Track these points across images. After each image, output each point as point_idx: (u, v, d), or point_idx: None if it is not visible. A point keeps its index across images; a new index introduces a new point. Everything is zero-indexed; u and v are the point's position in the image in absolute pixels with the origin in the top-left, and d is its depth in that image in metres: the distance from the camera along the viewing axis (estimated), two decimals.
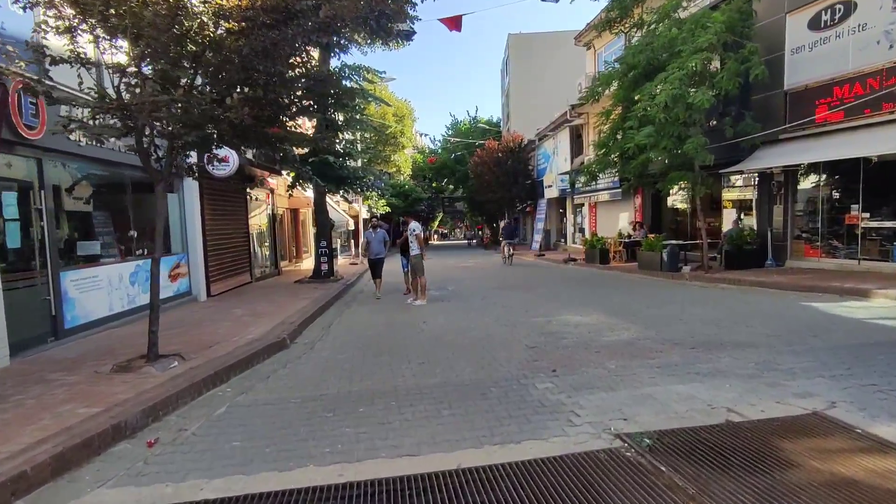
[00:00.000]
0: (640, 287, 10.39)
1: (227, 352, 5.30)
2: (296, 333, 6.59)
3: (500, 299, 9.29)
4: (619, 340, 5.62)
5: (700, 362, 4.61)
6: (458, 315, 7.78)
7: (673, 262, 12.22)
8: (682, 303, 8.01)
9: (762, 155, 11.18)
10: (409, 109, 25.81)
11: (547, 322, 6.86)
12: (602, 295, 9.34)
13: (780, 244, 11.69)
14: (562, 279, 12.61)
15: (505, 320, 7.14)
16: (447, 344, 5.81)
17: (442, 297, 10.00)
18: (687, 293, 9.15)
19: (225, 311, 8.24)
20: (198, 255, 9.46)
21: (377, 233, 10.15)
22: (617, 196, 17.97)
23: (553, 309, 7.95)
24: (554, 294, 9.72)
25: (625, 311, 7.43)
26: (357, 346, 5.90)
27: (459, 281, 12.97)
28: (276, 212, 15.60)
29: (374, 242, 10.05)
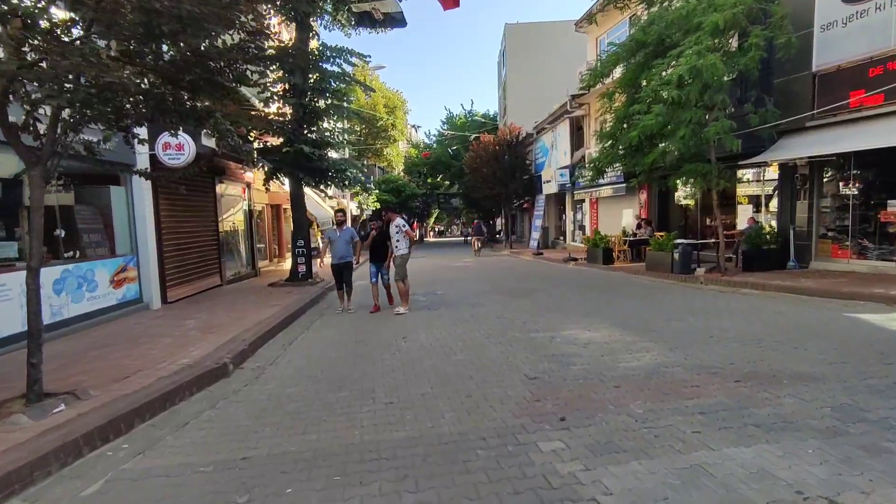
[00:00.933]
0: (652, 292, 9.27)
1: (143, 385, 4.15)
2: (246, 354, 5.44)
3: (494, 307, 8.15)
4: (640, 367, 4.49)
5: (755, 404, 3.48)
6: (445, 329, 6.63)
7: (685, 264, 11.11)
8: (704, 313, 6.89)
9: (786, 144, 10.06)
10: (401, 100, 24.56)
11: (549, 339, 5.72)
12: (610, 302, 8.22)
13: (804, 244, 10.60)
14: (563, 282, 11.49)
15: (499, 336, 6.00)
16: (426, 372, 4.67)
17: (429, 303, 8.85)
18: (707, 300, 8.04)
19: (175, 323, 7.08)
20: (150, 257, 8.27)
21: (342, 231, 8.35)
22: (621, 191, 16.85)
23: (556, 321, 6.83)
24: (556, 301, 8.59)
25: (640, 325, 6.31)
26: (314, 375, 4.74)
27: (450, 283, 11.83)
28: (252, 208, 14.41)
29: (338, 243, 8.20)
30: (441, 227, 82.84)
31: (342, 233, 8.35)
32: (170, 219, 9.22)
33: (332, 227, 8.54)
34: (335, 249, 8.19)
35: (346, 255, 8.25)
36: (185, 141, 8.07)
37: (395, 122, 23.83)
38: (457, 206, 44.62)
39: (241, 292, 10.51)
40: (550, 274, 13.58)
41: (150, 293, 8.29)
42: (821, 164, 10.23)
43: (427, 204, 46.20)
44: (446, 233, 77.69)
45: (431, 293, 10.20)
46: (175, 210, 9.48)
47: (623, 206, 17.74)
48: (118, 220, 7.89)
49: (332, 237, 8.34)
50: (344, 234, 8.34)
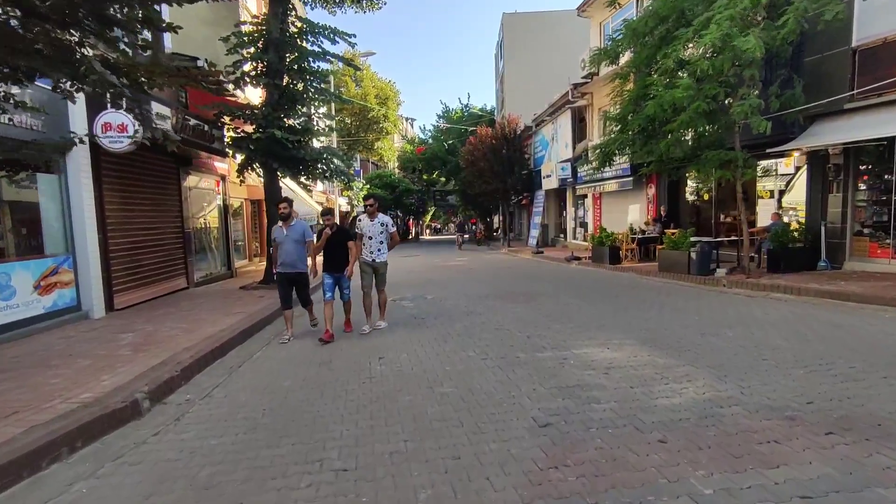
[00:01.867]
0: (671, 297, 8.15)
1: (5, 439, 2.98)
2: (176, 383, 4.27)
3: (491, 315, 7.01)
4: (686, 407, 3.36)
5: (878, 479, 2.36)
6: (431, 345, 5.48)
7: (704, 264, 10.00)
8: (741, 324, 5.77)
9: (821, 130, 8.95)
10: (394, 91, 23.33)
11: (560, 362, 4.58)
12: (626, 309, 7.09)
13: (837, 241, 9.49)
14: (568, 284, 10.35)
15: (498, 356, 4.86)
16: (401, 413, 3.52)
17: (416, 311, 7.70)
18: (739, 308, 6.92)
19: (108, 337, 5.90)
20: (90, 257, 7.08)
21: (292, 226, 5.98)
22: (627, 185, 15.72)
23: (565, 334, 5.69)
24: (562, 308, 7.45)
25: (669, 340, 5.18)
26: (252, 417, 3.58)
27: (443, 285, 10.68)
28: (228, 202, 13.21)
29: (285, 244, 5.94)
30: (438, 224, 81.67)
31: (290, 229, 5.96)
32: (119, 213, 8.02)
33: (278, 224, 6.09)
34: (283, 253, 5.96)
35: (298, 262, 6.01)
36: (129, 121, 6.87)
37: (388, 114, 22.61)
38: (453, 203, 43.40)
39: (208, 296, 9.32)
40: (553, 275, 12.44)
41: (90, 300, 7.10)
42: (857, 151, 9.12)
43: (423, 201, 44.99)
44: (444, 230, 76.49)
45: (420, 297, 9.04)
46: (127, 203, 8.28)
47: (629, 201, 16.62)
48: (48, 215, 6.70)
49: (277, 237, 6.03)
50: (293, 232, 5.96)
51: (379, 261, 6.21)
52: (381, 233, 6.17)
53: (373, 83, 22.52)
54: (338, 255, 5.95)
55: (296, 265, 6.00)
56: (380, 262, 6.22)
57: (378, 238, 6.16)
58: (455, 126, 31.93)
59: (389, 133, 24.00)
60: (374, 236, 6.15)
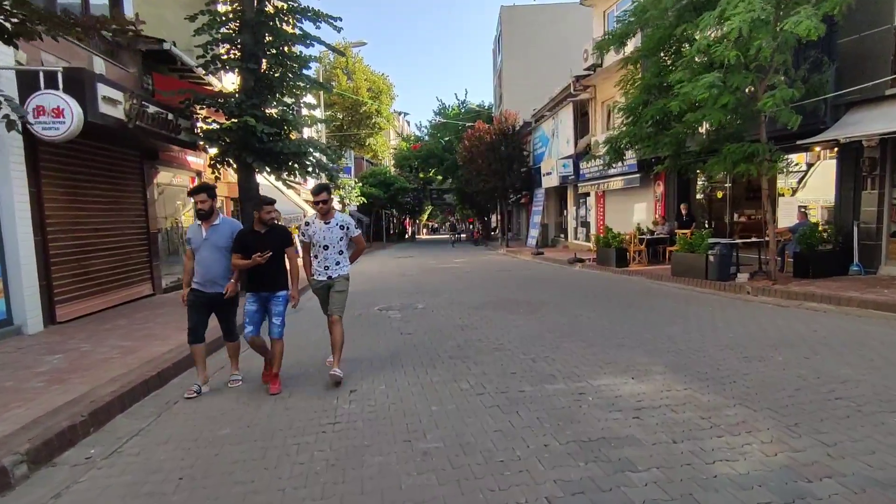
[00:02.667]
0: (691, 306, 7.21)
1: None
2: (81, 432, 3.30)
3: (489, 331, 6.05)
4: (758, 478, 2.41)
5: None
6: (417, 374, 4.52)
7: (723, 268, 9.06)
8: (788, 344, 4.83)
9: (858, 118, 8.02)
10: (387, 85, 22.32)
11: (576, 398, 3.63)
12: (644, 322, 6.14)
13: (872, 244, 8.58)
14: (574, 290, 9.41)
15: (497, 390, 3.90)
16: (366, 487, 2.56)
17: (403, 325, 6.74)
18: (774, 321, 5.98)
19: (27, 362, 4.91)
20: (22, 263, 6.09)
21: (215, 227, 4.17)
22: (634, 182, 14.78)
23: (578, 356, 4.74)
24: (571, 320, 6.50)
25: (706, 366, 4.23)
26: (159, 493, 2.61)
27: (436, 292, 9.72)
28: None
29: (203, 250, 4.13)
30: (436, 223, 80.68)
31: (212, 231, 4.12)
32: (64, 212, 7.03)
33: (196, 222, 4.25)
34: (199, 264, 4.12)
35: (222, 278, 4.14)
36: (67, 105, 5.87)
37: (381, 109, 21.61)
38: (450, 201, 42.45)
39: (172, 305, 8.31)
40: (556, 278, 11.50)
41: (22, 312, 6.11)
42: (894, 143, 8.20)
43: (419, 200, 44.04)
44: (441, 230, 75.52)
45: (410, 307, 8.07)
46: (75, 200, 7.28)
47: (635, 199, 15.67)
48: None
49: (192, 240, 4.17)
50: (216, 235, 4.12)
51: (336, 275, 4.41)
52: (340, 239, 4.40)
53: (365, 76, 21.51)
54: (269, 266, 4.07)
55: (217, 282, 4.13)
56: (337, 276, 4.41)
57: (336, 246, 4.38)
58: (452, 122, 30.95)
59: (383, 129, 22.97)
60: (331, 244, 4.36)
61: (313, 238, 4.39)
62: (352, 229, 4.52)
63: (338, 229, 4.42)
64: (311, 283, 4.61)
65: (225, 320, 4.37)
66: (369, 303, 8.62)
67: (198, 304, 4.19)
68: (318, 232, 4.38)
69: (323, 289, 4.48)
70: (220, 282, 4.16)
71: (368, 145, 22.85)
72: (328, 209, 4.39)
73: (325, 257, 4.40)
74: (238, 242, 4.13)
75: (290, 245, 4.29)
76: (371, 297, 9.37)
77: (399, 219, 49.58)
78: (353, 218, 5.15)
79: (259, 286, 4.15)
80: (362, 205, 27.14)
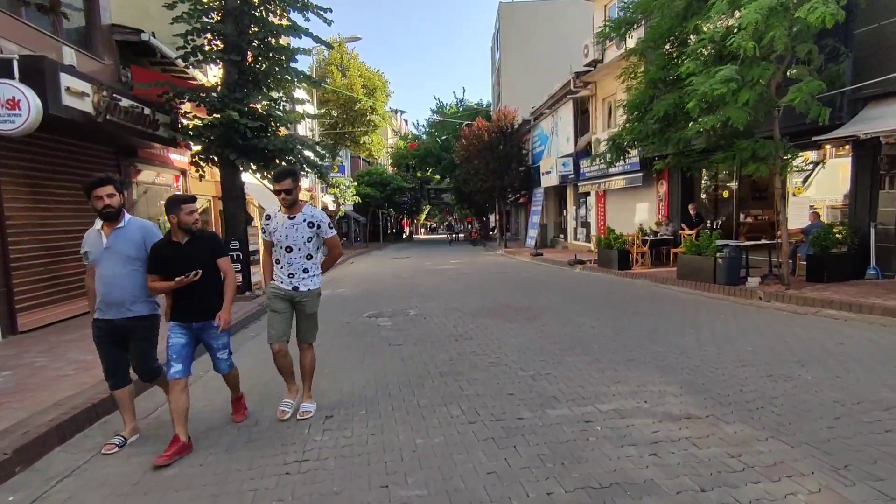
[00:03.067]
0: (701, 313, 6.74)
1: None
2: (5, 471, 2.81)
3: (485, 341, 5.58)
4: None
5: None
6: (402, 395, 4.04)
7: (733, 272, 8.60)
8: (816, 360, 4.36)
9: (878, 113, 7.55)
10: (382, 81, 21.81)
11: (583, 429, 3.16)
12: (653, 332, 5.67)
13: (890, 246, 8.12)
14: (575, 294, 8.94)
15: (492, 416, 3.43)
16: None
17: (393, 335, 6.26)
18: (794, 331, 5.52)
19: None
20: None
21: (119, 231, 3.15)
22: (636, 182, 14.31)
23: (584, 373, 4.26)
24: (574, 329, 6.03)
25: (728, 386, 3.76)
26: None
27: (431, 296, 9.24)
28: None
29: (104, 262, 3.12)
30: (434, 223, 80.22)
31: (114, 237, 3.14)
32: (28, 212, 6.54)
33: (95, 227, 3.20)
34: (102, 280, 3.13)
35: (132, 299, 3.16)
36: (24, 96, 5.38)
37: (376, 106, 21.10)
38: (448, 201, 42.00)
39: None
40: (556, 281, 11.03)
41: None
42: None
43: (417, 199, 43.57)
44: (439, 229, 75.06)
45: (401, 313, 7.59)
46: (40, 200, 6.79)
47: (637, 199, 15.22)
48: None
49: (91, 251, 3.17)
50: (120, 243, 3.14)
51: (305, 290, 3.51)
52: (308, 239, 3.49)
53: (360, 73, 20.99)
54: (199, 286, 3.10)
55: (125, 304, 3.11)
56: (307, 291, 3.52)
57: (304, 248, 3.48)
58: (449, 119, 30.47)
59: (378, 127, 22.45)
60: (298, 246, 3.47)
61: (274, 236, 3.51)
62: (324, 228, 3.55)
63: (305, 227, 3.48)
64: (267, 291, 3.63)
65: (140, 356, 3.22)
66: (359, 308, 8.15)
67: (105, 339, 3.17)
68: (279, 229, 3.47)
69: (281, 301, 3.52)
70: (130, 305, 3.12)
71: (363, 144, 22.32)
72: (293, 201, 3.47)
73: (288, 262, 3.49)
74: (153, 260, 3.12)
75: (223, 255, 3.31)
76: (361, 302, 8.90)
77: (397, 219, 49.11)
78: (348, 216, 4.50)
79: (187, 313, 3.16)
80: (358, 204, 26.66)
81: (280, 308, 3.53)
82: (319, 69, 20.87)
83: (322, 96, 20.53)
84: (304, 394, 3.67)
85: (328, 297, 9.90)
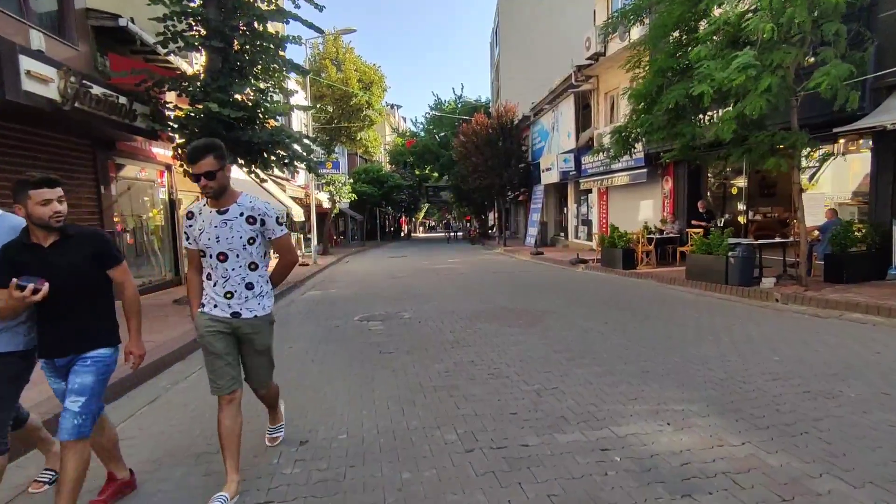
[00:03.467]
0: (716, 317, 6.27)
1: None
2: None
3: (485, 349, 5.10)
4: None
5: None
6: (390, 414, 3.57)
7: (746, 272, 8.14)
8: (856, 373, 3.89)
9: None
10: (379, 75, 21.28)
11: (598, 460, 2.68)
12: (668, 339, 5.20)
13: None
14: (580, 296, 8.47)
15: (493, 443, 2.95)
16: None
17: (384, 341, 5.78)
18: (823, 338, 5.05)
19: None
20: None
21: None
22: (641, 178, 13.83)
23: (594, 387, 3.79)
24: (581, 335, 5.55)
25: (761, 405, 3.28)
26: None
27: (427, 298, 8.76)
28: (176, 197, 11.21)
29: None
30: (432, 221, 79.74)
31: None
32: None
33: None
34: None
35: None
36: None
37: (371, 101, 20.57)
38: (446, 199, 41.49)
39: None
40: (558, 281, 10.56)
41: None
42: None
43: (415, 197, 43.07)
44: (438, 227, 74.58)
45: (395, 316, 7.11)
46: (6, 196, 6.28)
47: (641, 196, 14.75)
48: None
49: None
50: None
51: (251, 316, 2.53)
52: (249, 241, 2.49)
53: (355, 66, 20.46)
54: (67, 307, 2.21)
55: None
56: (253, 319, 2.54)
57: (244, 255, 2.49)
58: (448, 115, 29.95)
59: (374, 122, 21.92)
60: (235, 251, 2.48)
61: (199, 241, 2.46)
62: (270, 225, 2.50)
63: (242, 224, 2.44)
64: (196, 324, 2.52)
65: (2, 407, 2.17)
66: (350, 310, 7.67)
67: None
68: (207, 229, 2.43)
69: (216, 336, 2.46)
70: None
71: (359, 139, 21.79)
72: (220, 188, 2.40)
73: (223, 275, 2.45)
74: (5, 266, 2.13)
75: (116, 263, 2.35)
76: (353, 304, 8.41)
77: (395, 217, 48.60)
78: (345, 214, 3.54)
79: (50, 346, 2.24)
80: (355, 202, 26.14)
81: (220, 348, 2.46)
82: (314, 63, 20.32)
83: (317, 91, 20.00)
84: (271, 418, 3.05)
85: (319, 298, 9.42)
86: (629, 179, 14.32)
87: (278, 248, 2.63)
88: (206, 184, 2.36)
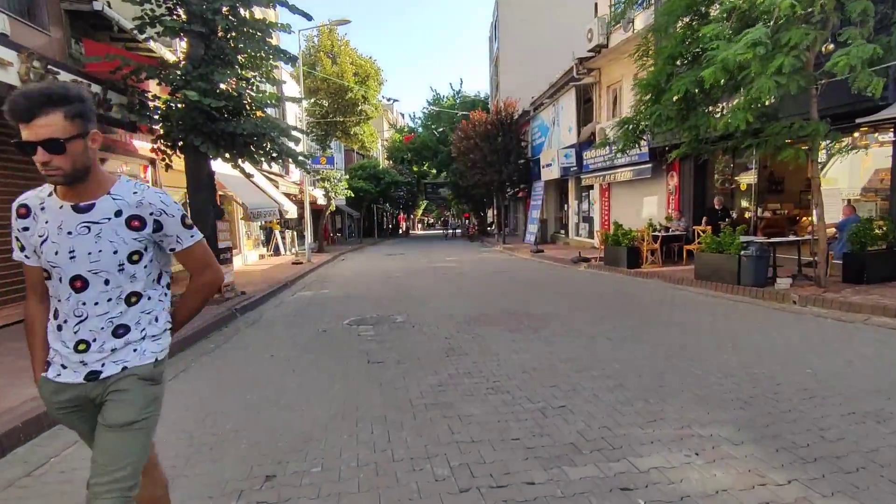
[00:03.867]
0: (730, 321, 5.83)
1: None
2: None
3: (483, 358, 4.64)
4: None
5: None
6: (374, 439, 3.11)
7: (759, 272, 7.70)
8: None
9: None
10: (375, 69, 20.75)
11: (618, 501, 2.23)
12: (682, 348, 4.74)
13: None
14: (585, 298, 8.02)
15: (491, 479, 2.49)
16: None
17: (374, 348, 5.32)
18: (853, 345, 4.61)
19: None
20: None
21: None
22: (645, 173, 13.37)
23: (606, 405, 3.34)
24: (588, 343, 5.10)
25: (801, 430, 2.84)
26: None
27: (423, 300, 8.30)
28: None
29: None
30: (431, 218, 79.24)
31: None
32: None
33: None
34: None
35: None
36: None
37: (368, 95, 20.04)
38: (445, 196, 41.01)
39: None
40: (560, 282, 10.10)
41: None
42: None
43: (413, 194, 42.55)
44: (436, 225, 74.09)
45: (387, 320, 6.65)
46: None
47: (645, 192, 14.29)
48: None
49: None
50: None
51: (118, 371, 1.50)
52: (127, 259, 1.50)
53: (351, 59, 19.93)
54: None
55: None
56: (120, 374, 1.50)
57: (118, 282, 1.50)
58: (446, 111, 29.44)
59: (370, 117, 21.40)
60: (101, 274, 1.48)
61: (42, 253, 1.50)
62: (173, 229, 1.58)
63: (120, 230, 1.50)
64: (41, 395, 1.57)
65: None
66: (340, 313, 7.21)
67: None
68: (51, 235, 1.48)
69: (82, 415, 1.57)
70: None
71: (355, 135, 21.27)
72: (76, 171, 1.43)
73: (76, 312, 1.49)
74: None
75: None
76: (345, 305, 7.96)
77: (392, 214, 48.10)
78: (341, 211, 3.10)
79: None
80: (352, 199, 25.65)
81: (84, 429, 1.59)
82: (308, 56, 19.78)
83: (312, 84, 19.47)
84: None
85: (310, 298, 8.96)
86: (633, 175, 13.85)
87: (190, 265, 1.66)
88: (49, 160, 1.38)
